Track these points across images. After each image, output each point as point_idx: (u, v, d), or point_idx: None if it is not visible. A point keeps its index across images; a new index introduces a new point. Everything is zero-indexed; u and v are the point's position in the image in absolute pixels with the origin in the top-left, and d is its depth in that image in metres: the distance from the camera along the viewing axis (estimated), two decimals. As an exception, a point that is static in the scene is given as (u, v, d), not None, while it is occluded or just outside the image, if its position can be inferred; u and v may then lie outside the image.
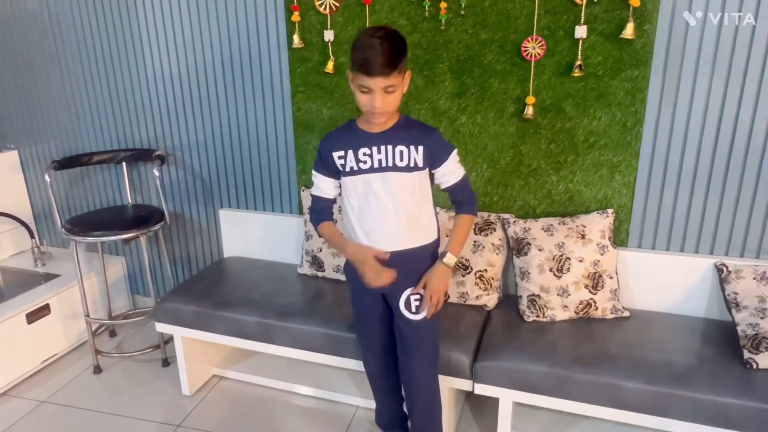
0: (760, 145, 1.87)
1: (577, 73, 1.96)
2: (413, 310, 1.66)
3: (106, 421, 2.20)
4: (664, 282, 2.06)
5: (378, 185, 1.57)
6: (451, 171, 1.63)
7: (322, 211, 1.72)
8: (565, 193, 2.12)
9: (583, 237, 2.01)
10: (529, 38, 1.99)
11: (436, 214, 1.73)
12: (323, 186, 1.69)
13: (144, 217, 2.48)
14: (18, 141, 2.98)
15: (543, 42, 1.98)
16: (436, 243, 1.70)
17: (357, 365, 1.97)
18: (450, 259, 1.63)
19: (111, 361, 2.61)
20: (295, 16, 2.23)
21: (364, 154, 1.58)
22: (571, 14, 1.93)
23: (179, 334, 2.25)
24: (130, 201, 2.76)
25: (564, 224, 2.05)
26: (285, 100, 2.39)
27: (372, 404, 2.04)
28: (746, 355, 1.74)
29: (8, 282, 2.83)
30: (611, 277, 2.01)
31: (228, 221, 2.64)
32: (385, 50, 1.42)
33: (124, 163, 2.69)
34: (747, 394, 1.61)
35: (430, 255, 1.68)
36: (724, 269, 1.93)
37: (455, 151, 1.64)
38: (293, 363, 2.43)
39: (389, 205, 1.58)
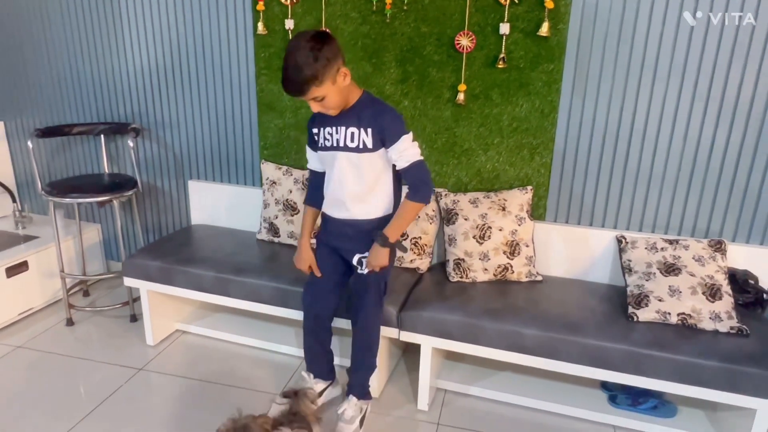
0: (654, 131, 2.20)
1: (501, 65, 2.27)
2: (363, 268, 1.95)
3: (75, 364, 2.47)
4: (575, 252, 2.37)
5: (331, 161, 1.86)
6: (400, 154, 1.77)
7: (314, 189, 2.01)
8: (492, 171, 2.43)
9: (503, 209, 2.32)
10: (462, 33, 2.29)
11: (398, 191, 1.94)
12: (310, 159, 2.01)
13: (118, 184, 2.76)
14: (4, 113, 3.25)
15: (473, 37, 2.29)
16: (387, 218, 1.90)
17: (297, 315, 2.25)
18: (382, 240, 1.85)
19: (83, 315, 2.88)
20: (260, 6, 2.52)
21: (328, 133, 1.86)
22: (497, 13, 2.24)
23: (145, 288, 2.53)
24: (106, 170, 3.04)
25: (488, 198, 2.35)
26: (250, 82, 2.68)
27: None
28: (630, 310, 2.05)
29: (-10, 242, 3.09)
30: (527, 246, 2.32)
31: (196, 192, 2.92)
32: (295, 78, 1.60)
33: (102, 136, 2.97)
34: (624, 341, 1.92)
35: (377, 226, 1.90)
36: (623, 240, 2.25)
37: (406, 136, 1.76)
38: (248, 321, 2.72)
39: (339, 180, 1.86)
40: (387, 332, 2.17)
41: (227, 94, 2.74)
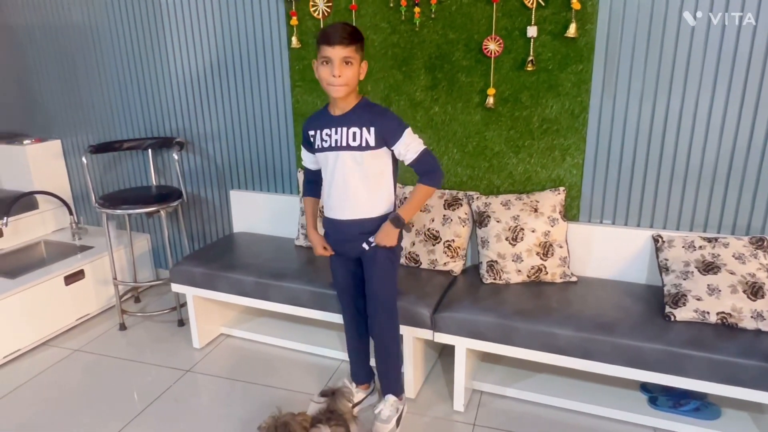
0: (688, 127, 2.17)
1: (530, 68, 2.29)
2: (367, 247, 1.98)
3: (128, 366, 2.62)
4: (610, 252, 2.36)
5: (332, 161, 1.91)
6: (407, 147, 1.86)
7: (309, 183, 2.12)
8: (523, 174, 2.45)
9: (536, 211, 2.33)
10: (489, 37, 2.33)
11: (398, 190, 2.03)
12: (305, 158, 2.09)
13: (165, 195, 2.92)
14: (61, 132, 3.48)
15: (501, 41, 2.32)
16: (384, 217, 1.93)
17: (338, 318, 2.33)
18: (394, 218, 1.90)
19: (135, 320, 3.05)
20: (294, 21, 2.63)
21: (326, 134, 1.92)
22: (524, 16, 2.27)
23: (191, 293, 2.66)
24: (154, 183, 3.21)
25: (520, 200, 2.37)
26: (285, 94, 2.79)
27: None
28: (667, 309, 2.03)
29: (50, 252, 3.31)
30: (561, 246, 2.32)
31: (237, 201, 3.05)
32: (344, 28, 1.77)
33: (149, 150, 3.15)
34: (661, 340, 1.91)
35: (376, 226, 1.93)
36: (660, 239, 2.22)
37: (408, 130, 1.85)
38: (289, 325, 2.81)
39: (340, 179, 1.91)
40: (421, 334, 2.21)
41: (264, 106, 2.86)
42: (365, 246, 1.98)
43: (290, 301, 2.45)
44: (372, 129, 1.85)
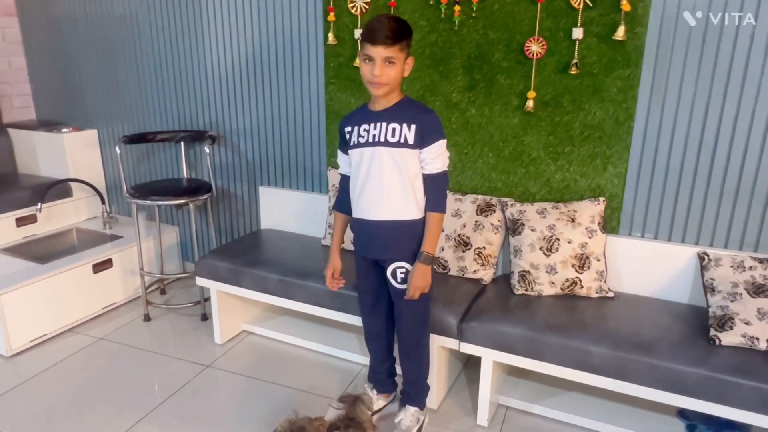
0: (743, 139, 2.04)
1: (574, 71, 2.20)
2: (398, 280, 1.91)
3: (150, 357, 2.62)
4: (651, 268, 2.24)
5: (368, 157, 1.82)
6: (431, 159, 1.77)
7: (344, 193, 1.98)
8: (561, 182, 2.36)
9: (573, 221, 2.23)
10: (532, 38, 2.25)
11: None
12: (341, 162, 2.00)
13: (195, 188, 2.92)
14: (98, 121, 3.53)
15: (544, 42, 2.24)
16: (420, 222, 1.84)
17: (358, 321, 2.27)
18: (425, 258, 1.80)
19: (159, 312, 3.06)
20: (331, 17, 2.60)
21: (364, 130, 1.84)
22: (570, 17, 2.18)
23: (215, 288, 2.65)
24: (185, 175, 3.22)
25: (557, 209, 2.28)
26: (319, 91, 2.76)
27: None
28: (711, 332, 1.91)
29: (81, 240, 3.36)
30: (598, 260, 2.22)
31: (266, 197, 3.03)
32: (389, 24, 1.69)
33: (182, 143, 3.16)
34: (703, 365, 1.79)
35: (410, 231, 1.84)
36: (706, 257, 2.10)
37: (442, 142, 1.77)
38: (312, 325, 2.77)
39: (375, 177, 1.82)
40: (446, 343, 2.14)
41: (297, 102, 2.84)
42: (391, 278, 1.91)
43: (313, 301, 2.41)
44: (413, 126, 1.77)
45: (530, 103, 2.30)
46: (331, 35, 2.62)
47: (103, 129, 3.53)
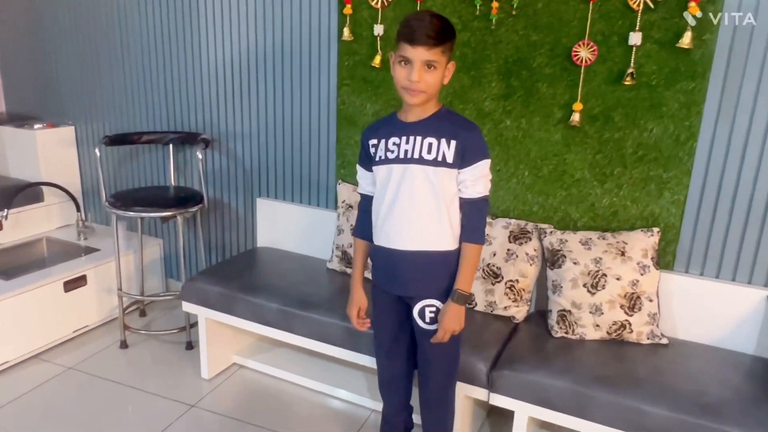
0: (826, 170, 1.88)
1: (628, 82, 2.04)
2: (427, 320, 1.73)
3: (125, 392, 2.43)
4: (711, 312, 2.07)
5: (398, 176, 1.65)
6: (472, 182, 1.63)
7: (366, 216, 1.80)
8: (609, 208, 2.18)
9: (623, 254, 2.06)
10: (581, 42, 2.09)
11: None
12: (362, 181, 1.82)
13: (183, 198, 2.73)
14: (76, 117, 3.35)
15: (595, 47, 2.07)
16: (455, 253, 1.69)
17: (371, 362, 2.09)
18: (459, 297, 1.65)
19: (138, 338, 2.86)
20: (347, 9, 2.43)
21: (394, 144, 1.67)
22: (627, 20, 2.01)
23: (203, 315, 2.46)
24: (173, 183, 3.03)
25: (604, 239, 2.11)
26: (330, 93, 2.59)
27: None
28: (789, 394, 1.73)
29: (52, 252, 3.17)
30: (651, 300, 2.05)
31: (264, 210, 2.85)
32: (432, 23, 1.53)
33: (171, 145, 2.97)
34: (783, 435, 1.61)
35: (443, 264, 1.69)
36: (778, 303, 1.93)
37: (486, 162, 1.63)
38: (313, 359, 2.58)
39: (405, 200, 1.65)
40: (474, 392, 1.97)
41: (305, 105, 2.66)
42: (419, 318, 1.74)
43: (318, 335, 2.23)
44: (453, 142, 1.61)
45: (576, 117, 2.13)
46: (346, 30, 2.45)
47: (81, 126, 3.35)
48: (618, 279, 2.04)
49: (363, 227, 1.84)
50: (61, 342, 2.77)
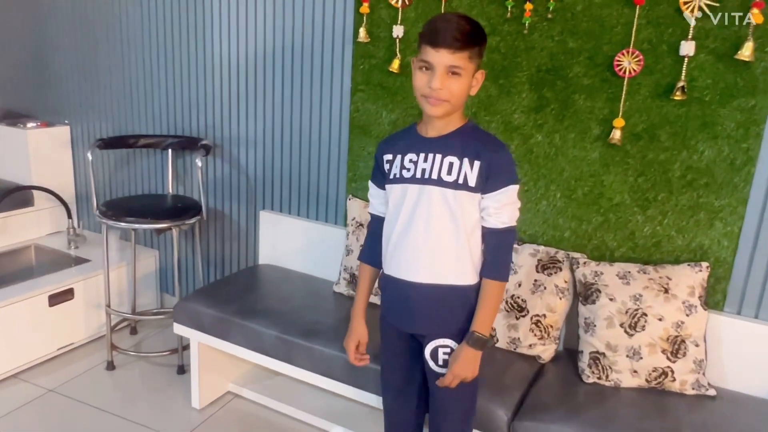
0: None
1: (678, 96, 1.90)
2: (440, 362, 1.61)
3: (106, 421, 2.33)
4: (766, 360, 1.91)
5: (413, 198, 1.54)
6: (496, 210, 1.50)
7: (374, 239, 1.69)
8: (651, 237, 2.04)
9: (666, 291, 1.92)
10: (625, 51, 1.96)
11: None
12: (374, 200, 1.70)
13: (180, 209, 2.64)
14: (72, 117, 3.28)
15: (641, 57, 1.94)
16: (475, 288, 1.57)
17: (378, 402, 1.97)
18: (476, 340, 1.52)
19: (127, 359, 2.77)
20: (364, 8, 2.32)
21: (410, 161, 1.56)
22: (678, 27, 1.88)
23: (196, 339, 2.35)
24: (171, 191, 2.94)
25: (645, 273, 1.97)
26: (343, 99, 2.48)
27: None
28: None
29: (40, 261, 3.10)
30: (697, 345, 1.90)
31: (267, 224, 2.75)
32: (459, 24, 1.42)
33: (170, 151, 2.89)
34: None
35: (461, 300, 1.56)
36: None
37: (513, 188, 1.51)
38: (315, 392, 2.46)
39: (420, 225, 1.53)
40: (492, 443, 1.82)
41: (315, 111, 2.56)
42: (431, 359, 1.61)
43: (321, 369, 2.11)
44: (477, 163, 1.49)
45: (616, 134, 2.00)
46: (362, 31, 2.34)
47: (77, 126, 3.29)
48: (660, 319, 1.90)
49: (371, 252, 1.72)
50: (43, 361, 2.69)
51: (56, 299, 2.68)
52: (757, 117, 1.84)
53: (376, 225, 1.71)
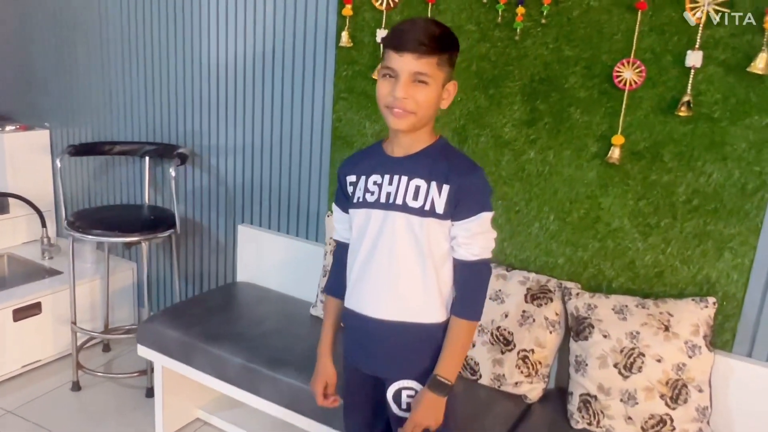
0: None
1: (683, 112, 1.78)
2: (403, 406, 1.50)
3: (65, 448, 2.27)
4: (780, 410, 1.78)
5: (377, 225, 1.43)
6: (466, 240, 1.40)
7: (339, 268, 1.58)
8: (653, 267, 1.92)
9: (666, 329, 1.79)
10: (625, 61, 1.84)
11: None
12: (338, 225, 1.59)
13: (154, 221, 2.58)
14: (52, 120, 3.26)
15: (642, 67, 1.82)
16: (443, 326, 1.45)
17: (345, 441, 1.87)
18: (438, 385, 1.40)
19: (93, 380, 2.70)
20: (347, 10, 2.24)
21: (374, 183, 1.45)
22: (684, 36, 1.76)
23: (160, 362, 2.28)
24: (147, 201, 2.88)
25: (643, 308, 1.84)
26: (325, 107, 2.40)
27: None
28: None
29: (12, 271, 3.07)
30: (700, 390, 1.77)
31: (246, 239, 2.67)
32: (427, 28, 1.33)
33: (147, 158, 2.83)
34: None
35: (427, 339, 1.46)
36: None
37: (486, 216, 1.40)
38: (286, 422, 2.37)
39: (383, 256, 1.43)
40: (467, 493, 1.71)
41: (296, 120, 2.48)
42: (393, 402, 1.49)
43: (286, 401, 2.02)
44: (446, 187, 1.38)
45: (615, 152, 1.89)
46: (345, 34, 2.26)
47: (57, 129, 3.26)
48: (659, 361, 1.77)
49: (337, 282, 1.60)
50: (5, 379, 2.64)
51: (22, 314, 2.63)
52: (772, 137, 1.71)
53: (341, 252, 1.59)
